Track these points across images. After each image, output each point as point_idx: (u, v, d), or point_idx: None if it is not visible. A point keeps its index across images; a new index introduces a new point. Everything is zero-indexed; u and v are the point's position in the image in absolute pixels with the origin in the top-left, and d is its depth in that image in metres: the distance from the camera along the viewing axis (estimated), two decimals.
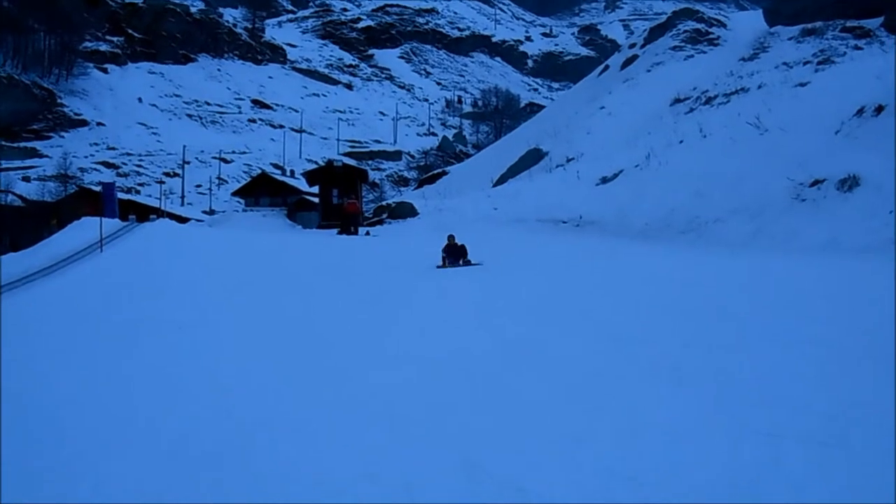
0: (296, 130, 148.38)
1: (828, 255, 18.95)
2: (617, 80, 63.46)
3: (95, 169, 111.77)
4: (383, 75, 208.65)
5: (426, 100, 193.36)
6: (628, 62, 66.83)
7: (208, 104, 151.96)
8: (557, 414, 7.67)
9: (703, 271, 18.09)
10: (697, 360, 9.43)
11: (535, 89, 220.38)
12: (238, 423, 8.00)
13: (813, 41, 47.66)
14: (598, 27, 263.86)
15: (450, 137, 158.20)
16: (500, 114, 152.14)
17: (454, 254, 22.90)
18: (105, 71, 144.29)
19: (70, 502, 5.82)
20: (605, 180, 37.72)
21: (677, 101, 48.18)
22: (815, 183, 24.64)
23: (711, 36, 61.45)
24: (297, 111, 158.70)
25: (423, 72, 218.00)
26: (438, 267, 22.46)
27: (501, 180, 50.58)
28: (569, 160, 45.23)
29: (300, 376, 10.15)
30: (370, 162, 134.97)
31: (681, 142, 38.06)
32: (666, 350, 10.13)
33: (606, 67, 73.43)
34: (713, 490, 5.57)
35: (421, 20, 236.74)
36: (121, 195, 66.36)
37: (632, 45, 73.23)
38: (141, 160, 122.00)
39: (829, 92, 33.84)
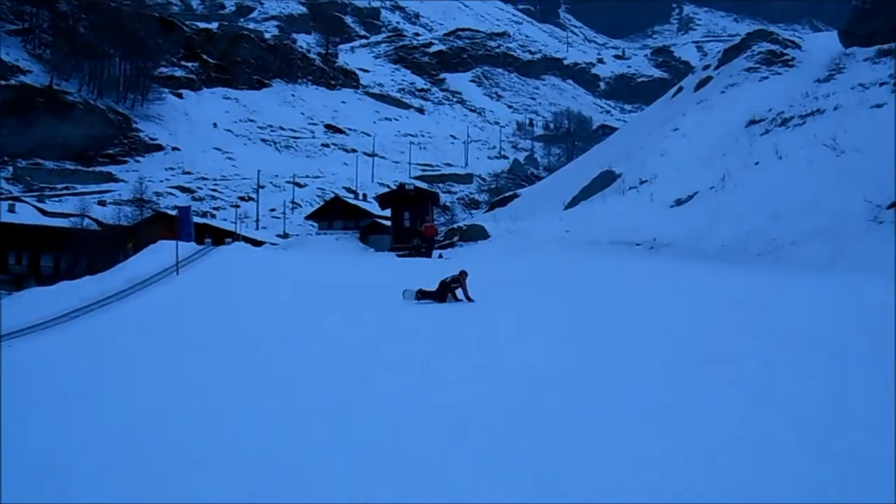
0: (368, 154, 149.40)
1: None
2: (691, 102, 62.90)
3: (171, 193, 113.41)
4: (455, 99, 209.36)
5: (497, 123, 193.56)
6: (702, 83, 66.18)
7: (282, 129, 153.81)
8: (634, 432, 7.65)
9: (783, 293, 17.85)
10: (777, 380, 9.37)
11: (608, 111, 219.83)
12: (314, 441, 8.12)
13: (889, 62, 46.70)
14: (671, 49, 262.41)
15: (521, 160, 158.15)
16: (572, 136, 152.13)
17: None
18: (180, 96, 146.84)
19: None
20: (679, 202, 37.43)
21: (752, 122, 47.61)
22: (893, 205, 24.21)
23: (786, 57, 60.64)
24: (369, 135, 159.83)
25: (494, 95, 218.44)
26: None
27: (573, 202, 50.37)
28: (642, 182, 44.91)
29: (373, 395, 10.24)
30: (441, 185, 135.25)
31: (756, 163, 37.65)
32: (746, 370, 10.08)
33: (680, 89, 72.85)
34: None
35: (492, 44, 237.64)
36: (196, 219, 67.34)
37: (706, 67, 72.55)
38: (216, 184, 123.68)
39: None
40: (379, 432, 8.32)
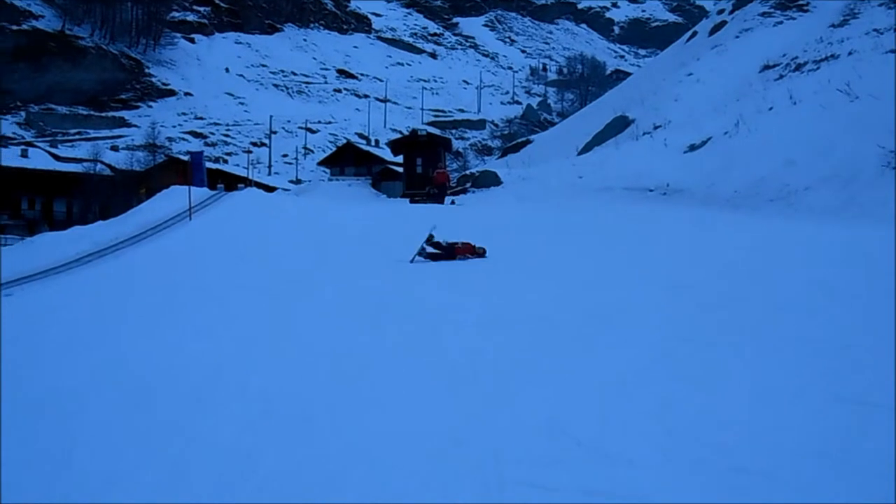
0: (380, 100, 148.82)
1: None
2: (705, 47, 62.40)
3: (183, 138, 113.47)
4: (467, 44, 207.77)
5: (510, 68, 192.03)
6: (717, 28, 65.62)
7: (294, 74, 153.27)
8: (641, 379, 7.74)
9: (794, 242, 17.87)
10: (785, 326, 9.43)
11: (622, 56, 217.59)
12: (327, 387, 8.21)
13: None
14: None
15: (534, 106, 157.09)
16: (586, 81, 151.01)
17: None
18: (192, 41, 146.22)
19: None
20: (692, 148, 37.28)
21: (766, 67, 47.27)
22: None
23: (800, 2, 59.97)
24: (381, 81, 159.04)
25: (507, 40, 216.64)
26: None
27: (587, 148, 50.22)
28: (656, 127, 44.72)
29: (393, 340, 10.32)
30: (454, 131, 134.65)
31: (770, 109, 37.41)
32: (751, 315, 10.15)
33: (694, 34, 72.27)
34: (800, 458, 5.57)
35: None
36: (209, 164, 67.17)
37: (720, 11, 71.82)
38: (228, 130, 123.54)
39: None
40: (387, 378, 8.41)
